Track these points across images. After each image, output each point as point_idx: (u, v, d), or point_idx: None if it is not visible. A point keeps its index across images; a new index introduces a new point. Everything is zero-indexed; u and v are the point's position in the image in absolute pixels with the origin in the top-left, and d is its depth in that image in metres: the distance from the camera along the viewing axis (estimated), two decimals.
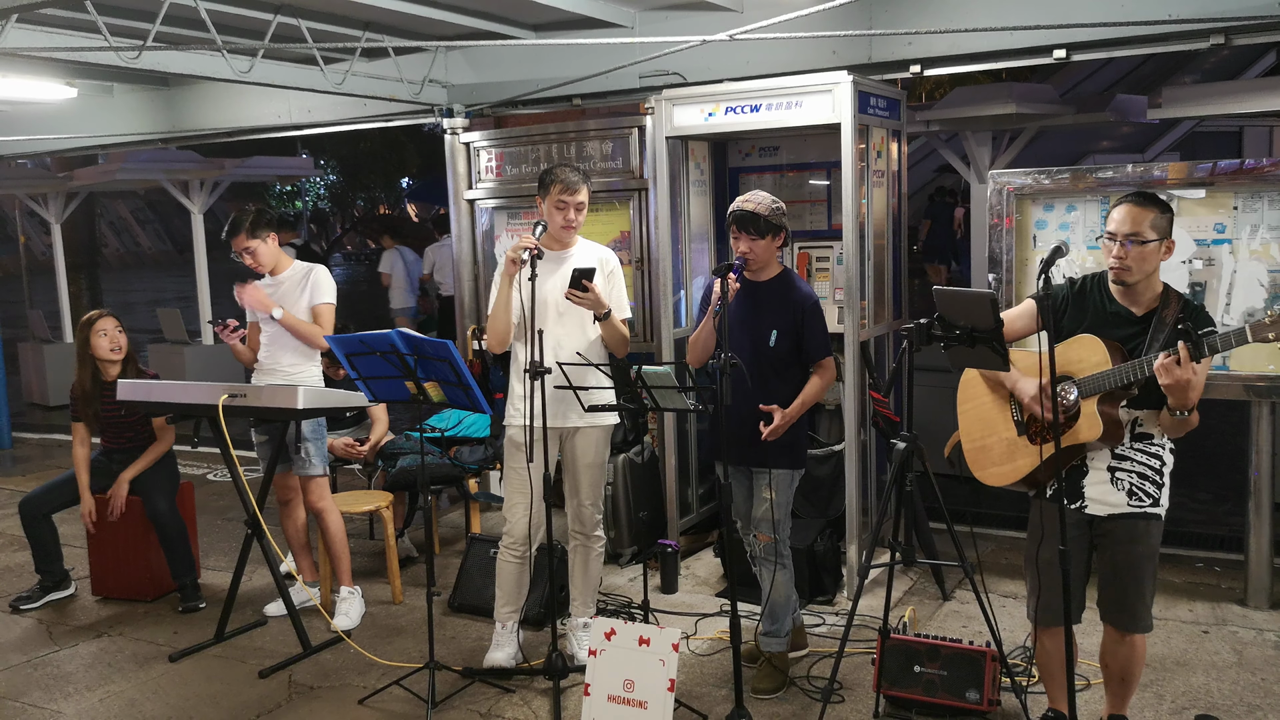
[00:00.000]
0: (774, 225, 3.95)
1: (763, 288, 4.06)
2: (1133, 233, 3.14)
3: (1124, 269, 3.17)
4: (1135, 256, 3.14)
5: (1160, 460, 3.29)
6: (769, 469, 4.02)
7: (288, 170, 17.07)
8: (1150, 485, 3.27)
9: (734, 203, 4.02)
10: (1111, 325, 3.25)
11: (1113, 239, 3.18)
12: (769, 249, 3.99)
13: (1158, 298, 3.23)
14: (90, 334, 5.20)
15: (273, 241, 4.87)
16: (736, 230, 3.97)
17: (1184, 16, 4.64)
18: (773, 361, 4.01)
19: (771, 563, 4.08)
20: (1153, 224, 3.14)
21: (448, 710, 4.08)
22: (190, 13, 5.11)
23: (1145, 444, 3.28)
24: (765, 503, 4.02)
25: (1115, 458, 3.28)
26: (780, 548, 4.08)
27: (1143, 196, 3.20)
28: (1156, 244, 3.15)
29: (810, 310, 4.02)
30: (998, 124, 8.33)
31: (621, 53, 5.76)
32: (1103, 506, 3.30)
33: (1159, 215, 3.16)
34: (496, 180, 6.39)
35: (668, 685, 3.58)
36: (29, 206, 13.11)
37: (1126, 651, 3.38)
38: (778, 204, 3.99)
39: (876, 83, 5.10)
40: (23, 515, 5.37)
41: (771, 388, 3.98)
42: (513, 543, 4.29)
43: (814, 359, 4.03)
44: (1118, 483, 3.28)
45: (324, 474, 4.94)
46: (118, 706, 4.24)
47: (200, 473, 8.08)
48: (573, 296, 3.99)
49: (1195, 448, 8.24)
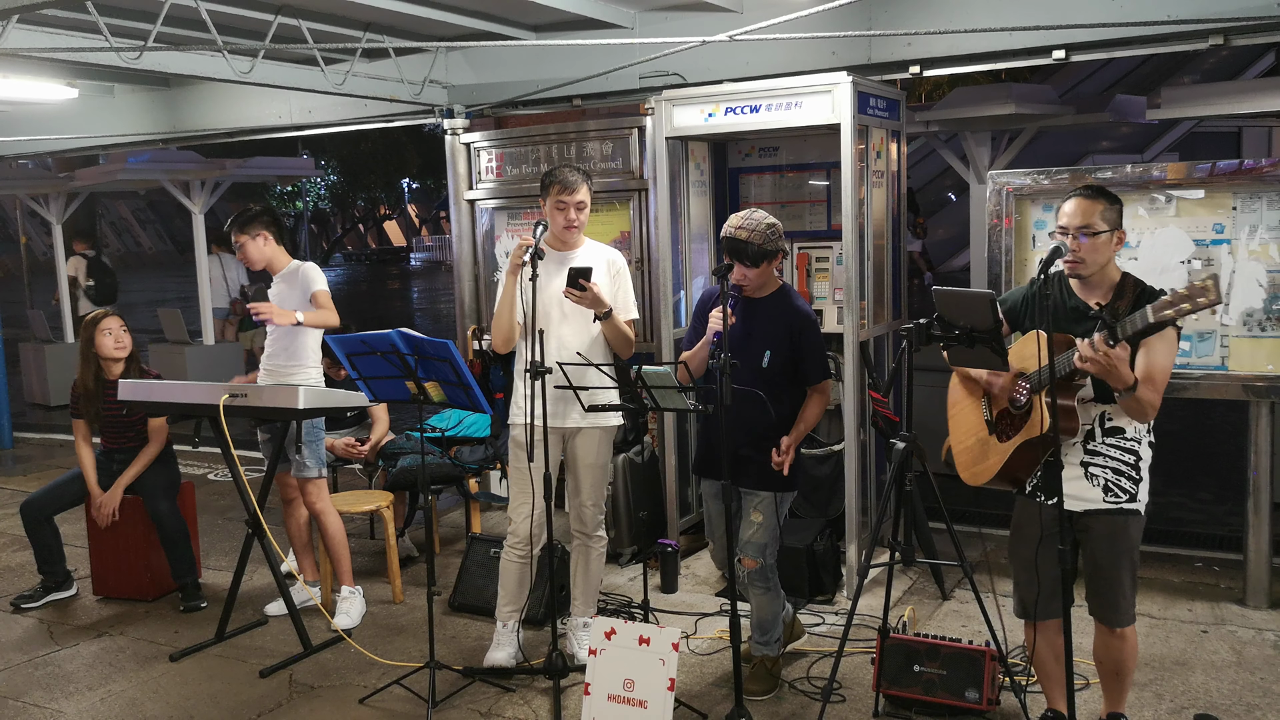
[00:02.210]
0: (769, 252, 3.84)
1: (759, 305, 3.98)
2: (1084, 225, 3.20)
3: (1078, 261, 3.23)
4: (1088, 249, 3.21)
5: (1135, 455, 3.30)
6: (757, 491, 3.96)
7: (288, 171, 17.07)
8: (1126, 480, 3.29)
9: (727, 224, 3.88)
10: (1071, 320, 3.28)
11: (1064, 233, 3.23)
12: (764, 274, 3.89)
13: (1113, 288, 3.27)
14: (95, 332, 5.21)
15: (263, 240, 4.92)
16: (729, 258, 3.86)
17: (1183, 17, 4.65)
18: (768, 380, 3.91)
19: (759, 588, 4.04)
20: (1102, 215, 3.21)
21: (448, 710, 4.09)
22: (191, 13, 5.12)
23: (1118, 439, 3.29)
24: (754, 526, 3.96)
25: (1087, 453, 3.31)
26: (767, 573, 4.01)
27: (1091, 189, 3.27)
28: (1108, 235, 3.22)
29: (808, 330, 3.93)
30: (997, 124, 8.33)
31: (621, 53, 5.77)
32: (1079, 502, 3.32)
33: (1108, 207, 3.23)
34: (497, 181, 6.40)
35: (668, 685, 3.59)
36: (30, 207, 13.12)
37: (1117, 645, 3.41)
38: (773, 227, 3.84)
39: (876, 83, 5.11)
40: (25, 518, 5.38)
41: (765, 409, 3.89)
42: (517, 542, 4.30)
43: (811, 381, 3.96)
44: (1092, 479, 3.30)
45: (319, 476, 4.94)
46: (118, 706, 4.25)
47: (201, 472, 8.09)
48: (570, 295, 4.00)
49: (1195, 448, 8.29)
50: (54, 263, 12.56)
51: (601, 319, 4.12)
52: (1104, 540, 3.32)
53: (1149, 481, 3.34)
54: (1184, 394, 4.69)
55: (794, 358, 3.93)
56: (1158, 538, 5.70)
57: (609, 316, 4.11)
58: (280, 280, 4.96)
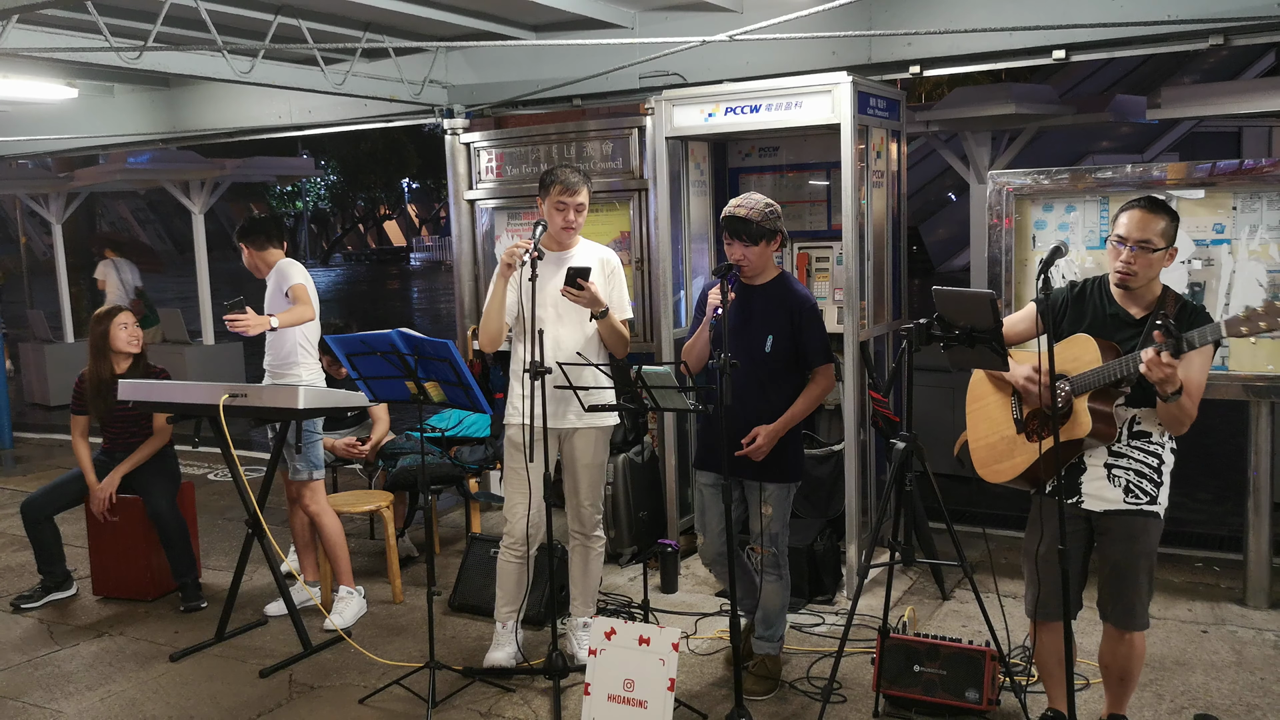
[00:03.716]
0: (768, 231, 3.84)
1: (758, 292, 3.98)
2: (1143, 239, 3.15)
3: (1130, 274, 3.19)
4: (1142, 263, 3.17)
5: (1159, 459, 3.30)
6: (761, 482, 3.96)
7: (288, 170, 17.11)
8: (1148, 483, 3.28)
9: (727, 206, 3.91)
10: (1111, 327, 3.26)
11: (1122, 243, 3.18)
12: (764, 254, 3.89)
13: (1156, 300, 3.25)
14: (110, 326, 5.24)
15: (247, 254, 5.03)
16: (729, 237, 3.87)
17: (1183, 17, 4.65)
18: (770, 367, 3.92)
19: (773, 575, 4.06)
20: (1162, 232, 3.16)
21: (448, 710, 4.09)
22: (191, 13, 5.12)
23: (1143, 442, 3.29)
24: (766, 519, 3.97)
25: (1112, 455, 3.30)
26: (779, 559, 4.05)
27: (1154, 203, 3.21)
28: (1163, 251, 3.18)
29: (808, 313, 3.92)
30: (997, 124, 8.34)
31: (622, 53, 5.77)
32: (1099, 502, 3.31)
33: (1169, 223, 3.18)
34: (497, 180, 6.40)
35: (668, 685, 3.59)
36: (30, 206, 13.12)
37: (1125, 650, 3.39)
38: (771, 207, 3.87)
39: (876, 83, 5.10)
40: (25, 517, 5.37)
41: (769, 394, 3.91)
42: (513, 543, 4.29)
43: (812, 364, 3.93)
44: (1114, 479, 3.30)
45: (311, 479, 4.94)
46: (118, 706, 4.25)
47: (200, 472, 8.09)
48: (568, 293, 4.00)
49: (1195, 448, 8.29)
50: (53, 263, 12.58)
51: (598, 318, 4.12)
52: (1123, 542, 3.30)
53: (1169, 487, 3.32)
54: None
55: (796, 342, 3.92)
56: None
57: (605, 316, 4.11)
58: (269, 279, 4.99)
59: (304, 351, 4.92)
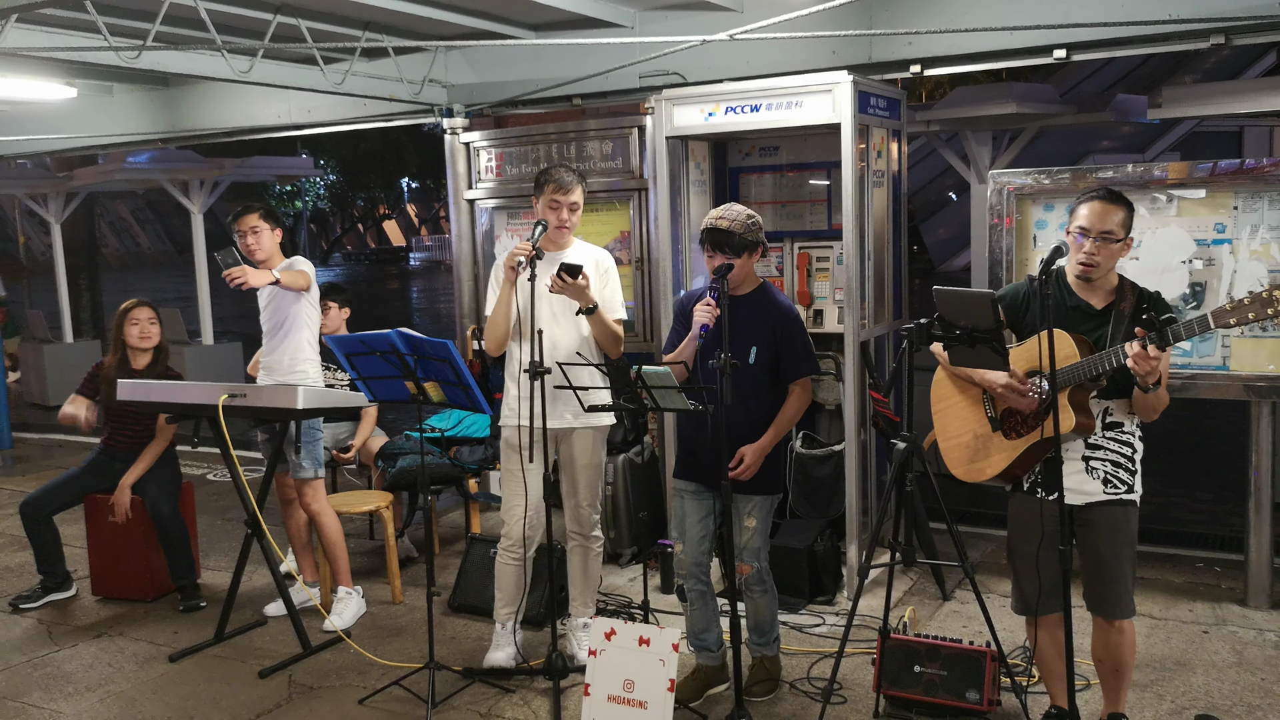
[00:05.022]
0: (749, 242, 3.79)
1: (740, 303, 3.90)
2: (1105, 230, 3.23)
3: (1092, 265, 3.26)
4: (1105, 254, 3.24)
5: (1131, 448, 3.36)
6: (750, 496, 3.89)
7: (288, 170, 17.10)
8: (1124, 472, 3.34)
9: (708, 217, 3.85)
10: (1073, 319, 3.31)
11: (1084, 235, 3.25)
12: (745, 266, 3.84)
13: (1114, 290, 3.32)
14: (124, 321, 5.31)
15: (278, 235, 4.94)
16: (711, 249, 3.81)
17: (1184, 16, 4.64)
18: (752, 380, 3.85)
19: (759, 589, 4.01)
20: (1122, 222, 3.26)
21: (448, 710, 4.08)
22: (190, 13, 5.11)
23: (1116, 433, 3.35)
24: (748, 532, 3.92)
25: (1089, 447, 3.35)
26: (764, 575, 3.99)
27: (1112, 194, 3.29)
28: (1122, 242, 3.27)
29: (790, 324, 3.87)
30: (998, 124, 8.34)
31: (621, 53, 5.76)
32: (1080, 496, 3.35)
33: (1127, 214, 3.27)
34: (496, 180, 6.39)
35: (668, 685, 3.58)
36: (29, 206, 13.12)
37: (1117, 638, 3.41)
38: (753, 218, 3.82)
39: (876, 83, 5.10)
40: (24, 518, 5.37)
41: (750, 407, 3.84)
42: (511, 544, 4.29)
43: (791, 377, 3.88)
44: (1093, 472, 3.34)
45: (315, 477, 4.93)
46: (118, 706, 4.24)
47: (200, 473, 8.09)
48: (555, 282, 3.96)
49: (1195, 447, 8.28)
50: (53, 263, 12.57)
51: (586, 313, 4.09)
52: (1106, 532, 3.35)
53: (1141, 473, 3.39)
54: (1185, 394, 4.68)
55: (777, 354, 3.88)
56: (1158, 538, 5.70)
57: (594, 312, 4.09)
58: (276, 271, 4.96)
59: (310, 350, 4.90)
